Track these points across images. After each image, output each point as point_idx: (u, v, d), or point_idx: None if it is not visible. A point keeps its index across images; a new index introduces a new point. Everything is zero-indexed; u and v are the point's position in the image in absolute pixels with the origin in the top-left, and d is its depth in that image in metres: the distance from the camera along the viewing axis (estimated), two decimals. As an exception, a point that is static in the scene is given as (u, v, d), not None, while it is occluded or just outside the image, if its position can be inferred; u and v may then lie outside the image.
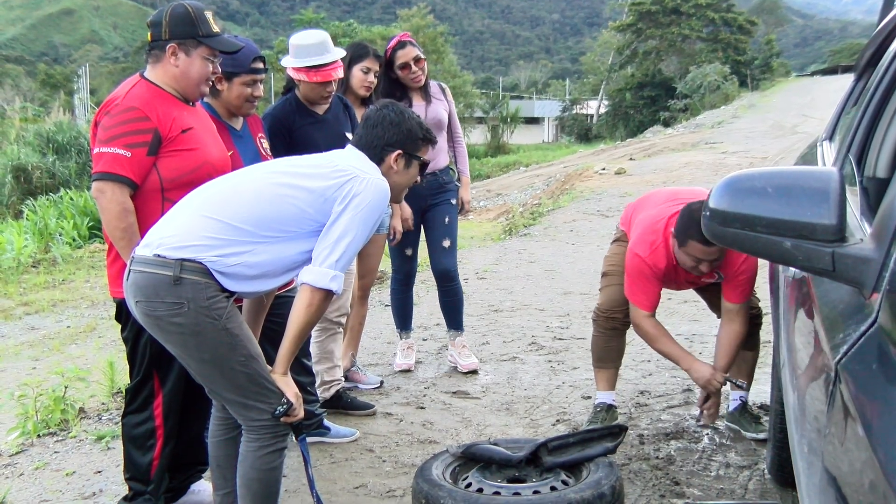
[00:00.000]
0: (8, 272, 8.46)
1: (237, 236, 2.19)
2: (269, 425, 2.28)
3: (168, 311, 2.15)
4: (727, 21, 44.76)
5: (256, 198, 2.23)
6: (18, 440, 3.62)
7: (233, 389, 2.25)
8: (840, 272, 1.24)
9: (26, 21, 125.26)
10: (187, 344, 2.20)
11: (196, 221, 2.21)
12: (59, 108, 22.75)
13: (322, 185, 2.24)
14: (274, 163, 2.48)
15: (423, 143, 2.47)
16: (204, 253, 2.16)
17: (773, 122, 21.73)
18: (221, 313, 2.18)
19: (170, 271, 2.14)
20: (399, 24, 44.15)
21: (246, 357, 2.23)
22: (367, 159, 2.38)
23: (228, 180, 2.36)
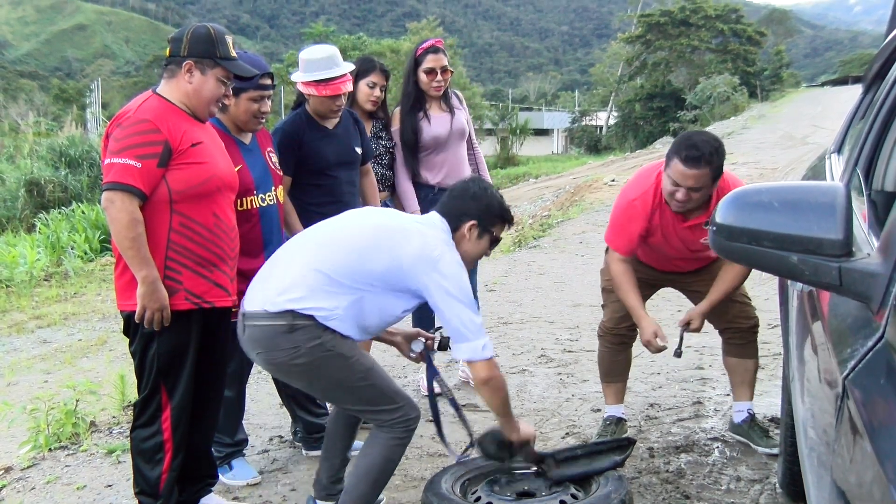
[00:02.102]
0: (21, 286, 8.53)
1: (334, 288, 2.43)
2: (399, 423, 2.54)
3: (287, 357, 2.43)
4: (736, 32, 44.74)
5: (352, 253, 2.48)
6: (30, 454, 3.63)
7: (361, 402, 2.55)
8: (847, 287, 1.24)
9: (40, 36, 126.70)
10: (311, 378, 2.51)
11: (298, 273, 2.46)
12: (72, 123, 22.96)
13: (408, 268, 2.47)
14: (372, 219, 2.67)
15: (500, 220, 2.69)
16: (309, 302, 2.41)
17: (783, 133, 21.66)
18: (333, 343, 2.44)
19: (283, 321, 2.41)
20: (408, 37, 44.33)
21: (364, 372, 2.50)
22: (445, 230, 2.61)
23: (325, 233, 2.61)
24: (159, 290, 2.53)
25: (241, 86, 2.93)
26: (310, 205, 3.45)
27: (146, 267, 2.50)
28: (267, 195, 3.11)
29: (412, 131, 3.96)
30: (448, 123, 4.03)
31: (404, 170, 4.00)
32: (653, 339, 3.14)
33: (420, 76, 3.98)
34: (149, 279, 2.50)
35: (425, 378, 4.20)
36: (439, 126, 4.00)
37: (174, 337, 2.61)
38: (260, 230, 3.09)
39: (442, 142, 4.01)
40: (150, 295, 2.51)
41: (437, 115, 4.04)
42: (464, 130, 4.11)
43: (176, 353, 2.64)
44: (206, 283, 2.66)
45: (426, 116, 4.00)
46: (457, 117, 4.08)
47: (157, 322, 2.54)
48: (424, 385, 4.23)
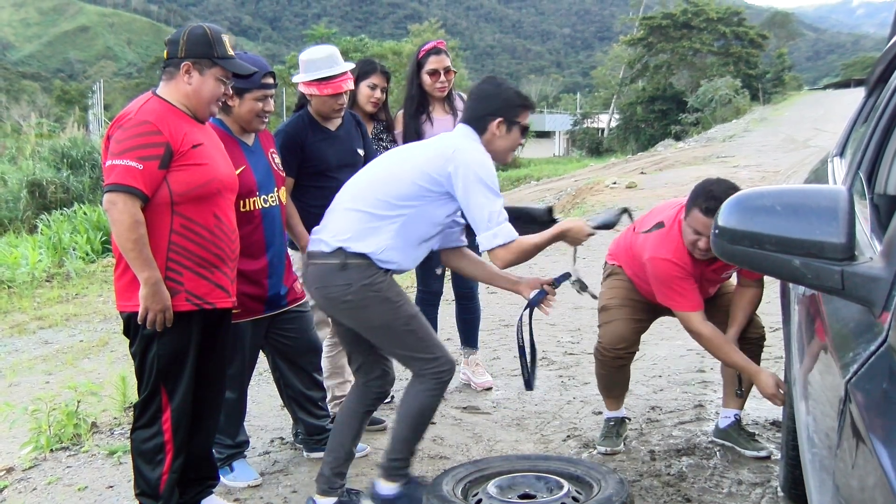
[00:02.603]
0: (22, 286, 8.54)
1: (376, 222, 2.65)
2: (433, 373, 2.71)
3: (340, 293, 2.65)
4: (738, 35, 44.71)
5: (383, 184, 2.70)
6: (32, 455, 3.64)
7: (402, 347, 2.74)
8: (849, 291, 1.24)
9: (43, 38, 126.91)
10: (358, 316, 2.71)
11: (345, 216, 2.71)
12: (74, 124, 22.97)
13: (429, 165, 2.66)
14: (394, 153, 2.92)
15: (522, 108, 2.80)
16: (357, 243, 2.64)
17: (785, 136, 21.66)
18: (382, 286, 2.65)
19: (336, 259, 2.65)
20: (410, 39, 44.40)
21: (408, 318, 2.70)
22: (470, 134, 2.75)
23: (362, 174, 2.85)
24: (162, 292, 2.53)
25: (244, 86, 2.95)
26: (311, 207, 3.45)
27: (148, 268, 2.50)
28: (269, 196, 3.11)
29: (415, 134, 3.96)
30: (451, 126, 4.02)
31: None
32: (777, 392, 3.01)
33: (423, 78, 3.99)
34: (151, 280, 2.51)
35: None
36: (441, 128, 4.00)
37: (174, 338, 2.61)
38: (262, 231, 3.09)
39: None
40: (152, 296, 2.51)
41: (440, 117, 4.04)
42: None
43: (176, 354, 2.64)
44: (208, 284, 2.67)
45: (429, 119, 4.00)
46: (459, 119, 4.07)
47: (159, 323, 2.55)
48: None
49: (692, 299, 3.11)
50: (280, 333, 3.24)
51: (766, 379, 3.05)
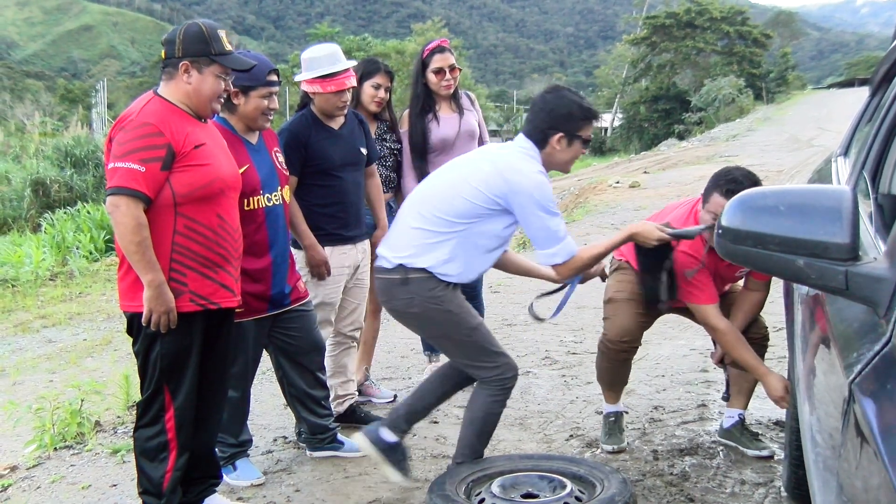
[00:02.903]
0: (26, 285, 8.55)
1: (434, 238, 2.73)
2: (495, 380, 2.80)
3: (403, 305, 2.79)
4: (742, 34, 44.64)
5: (441, 201, 2.76)
6: (35, 453, 3.65)
7: (463, 356, 2.83)
8: (853, 291, 1.24)
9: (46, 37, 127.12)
10: (423, 326, 2.90)
11: (405, 233, 2.81)
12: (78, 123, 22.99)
13: (486, 186, 2.70)
14: (453, 167, 2.91)
15: (584, 122, 2.80)
16: (416, 259, 2.74)
17: (788, 136, 21.62)
18: (443, 299, 2.75)
19: (398, 275, 2.76)
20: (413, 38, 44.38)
21: (469, 330, 2.78)
22: (529, 150, 2.77)
23: (423, 188, 2.92)
24: (165, 294, 2.53)
25: (249, 83, 2.97)
26: (315, 206, 3.46)
27: (152, 271, 2.50)
28: (273, 195, 3.11)
29: (421, 134, 3.96)
30: (457, 124, 4.03)
31: (412, 171, 4.00)
32: (785, 395, 2.99)
33: (429, 77, 3.99)
34: (155, 283, 2.50)
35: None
36: (448, 127, 4.01)
37: (177, 338, 2.61)
38: (266, 230, 3.09)
39: (450, 143, 4.00)
40: (156, 298, 2.51)
41: (446, 115, 4.04)
42: (473, 131, 4.10)
43: (179, 354, 2.64)
44: (212, 284, 2.67)
45: (435, 118, 4.00)
46: (465, 118, 4.07)
47: (163, 325, 2.55)
48: None
49: (709, 293, 3.13)
50: (283, 332, 3.24)
51: (774, 382, 3.05)
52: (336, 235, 3.52)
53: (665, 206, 3.51)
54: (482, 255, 2.81)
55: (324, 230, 3.46)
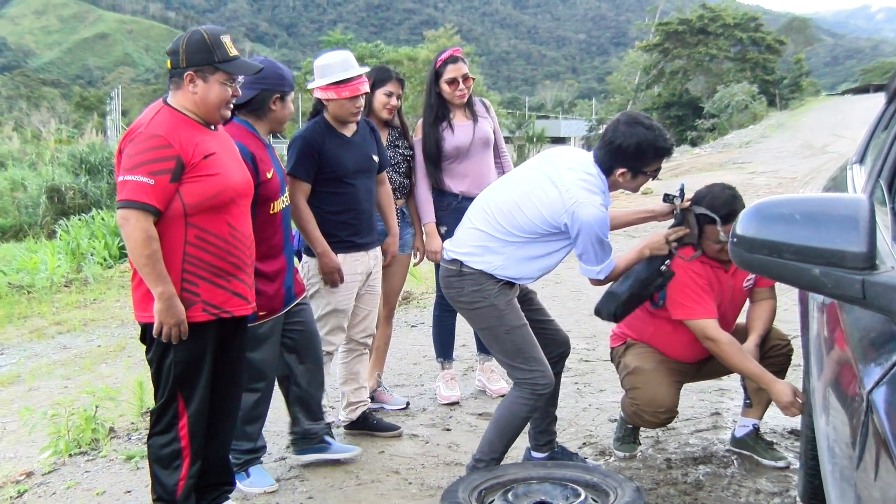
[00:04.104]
0: (41, 291, 8.61)
1: (493, 243, 2.88)
2: (527, 384, 2.90)
3: (456, 294, 2.98)
4: (755, 41, 44.43)
5: (505, 213, 2.88)
6: (51, 459, 3.67)
7: (501, 352, 2.96)
8: (870, 300, 1.23)
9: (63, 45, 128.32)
10: (471, 317, 3.03)
11: (468, 233, 2.97)
12: (92, 130, 23.21)
13: (549, 211, 2.81)
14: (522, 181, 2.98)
15: (653, 160, 2.86)
16: (473, 258, 2.90)
17: (802, 142, 21.50)
18: (491, 293, 2.89)
19: (454, 266, 2.95)
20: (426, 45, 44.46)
21: (511, 328, 2.90)
22: (595, 177, 2.84)
23: (493, 193, 3.03)
24: (176, 306, 2.53)
25: (288, 90, 3.17)
26: (327, 213, 3.47)
27: (162, 283, 2.50)
28: (285, 197, 3.20)
29: (435, 143, 3.97)
30: (471, 132, 4.02)
31: (425, 180, 4.01)
32: (794, 401, 2.97)
33: (442, 87, 3.99)
34: (165, 295, 2.50)
35: (442, 386, 4.21)
36: (462, 135, 4.01)
37: (190, 347, 2.61)
38: (282, 232, 3.17)
39: (464, 151, 4.01)
40: (166, 311, 2.52)
41: (460, 123, 4.03)
42: (488, 139, 4.09)
43: (192, 362, 2.64)
44: (225, 293, 2.67)
45: (450, 126, 4.00)
46: (479, 125, 4.06)
47: (174, 337, 2.55)
48: (441, 394, 4.25)
49: (704, 306, 3.11)
50: (289, 328, 3.27)
51: (781, 389, 3.03)
52: (349, 242, 3.53)
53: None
54: (537, 258, 2.92)
55: (336, 237, 3.48)
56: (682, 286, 3.10)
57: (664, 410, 3.18)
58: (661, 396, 3.16)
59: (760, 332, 3.24)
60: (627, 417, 3.34)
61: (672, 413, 3.22)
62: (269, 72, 3.05)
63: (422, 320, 6.19)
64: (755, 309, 3.32)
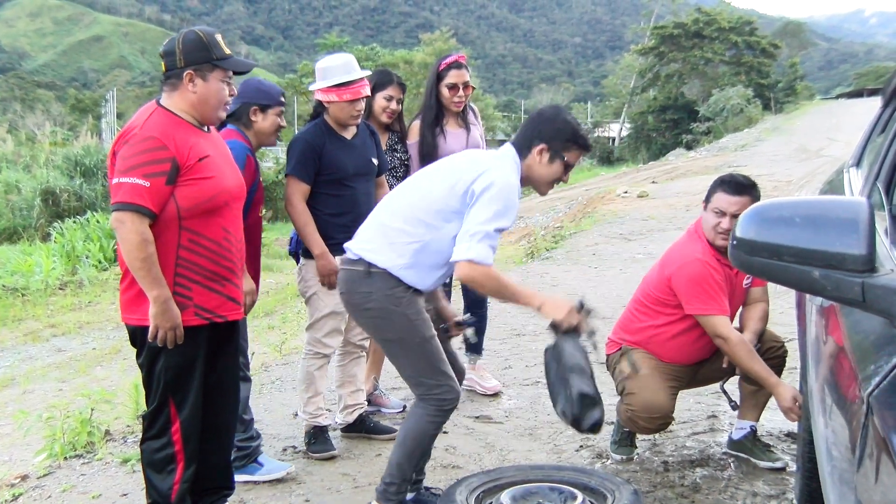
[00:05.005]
0: (36, 294, 8.60)
1: (399, 238, 2.65)
2: (434, 399, 2.69)
3: (362, 299, 2.68)
4: (750, 44, 44.59)
5: (414, 199, 2.70)
6: (46, 462, 3.65)
7: (411, 366, 2.72)
8: (870, 303, 1.23)
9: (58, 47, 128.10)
10: (377, 326, 2.73)
11: (372, 229, 2.75)
12: (87, 132, 23.12)
13: (460, 183, 2.61)
14: (428, 170, 2.85)
15: (572, 144, 2.71)
16: (377, 255, 2.66)
17: (797, 146, 21.56)
18: (402, 301, 2.65)
19: (361, 266, 2.68)
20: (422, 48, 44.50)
21: (420, 339, 2.67)
22: (511, 156, 2.70)
23: (398, 189, 2.87)
24: (172, 310, 2.51)
25: (267, 102, 3.20)
26: (326, 215, 3.47)
27: (157, 287, 2.47)
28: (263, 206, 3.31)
29: (432, 145, 3.97)
30: (464, 140, 4.03)
31: None
32: (794, 406, 2.94)
33: (442, 91, 3.99)
34: (160, 298, 2.48)
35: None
36: (455, 142, 4.01)
37: (182, 352, 2.59)
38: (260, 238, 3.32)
39: None
40: (162, 314, 2.49)
41: (453, 130, 4.04)
42: (479, 146, 4.11)
43: (183, 367, 2.61)
44: (218, 297, 2.65)
45: (443, 132, 4.01)
46: (472, 134, 4.09)
47: (170, 341, 2.53)
48: None
49: (721, 304, 3.11)
50: None
51: (783, 392, 3.03)
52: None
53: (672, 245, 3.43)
54: (439, 268, 2.71)
55: (335, 239, 3.46)
56: (700, 281, 3.10)
57: (659, 416, 3.17)
58: (656, 402, 3.15)
59: (755, 331, 3.26)
60: (623, 423, 3.34)
61: (667, 419, 3.21)
62: (246, 85, 3.28)
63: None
64: (749, 310, 3.35)
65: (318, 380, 3.56)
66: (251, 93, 3.24)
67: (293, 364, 5.05)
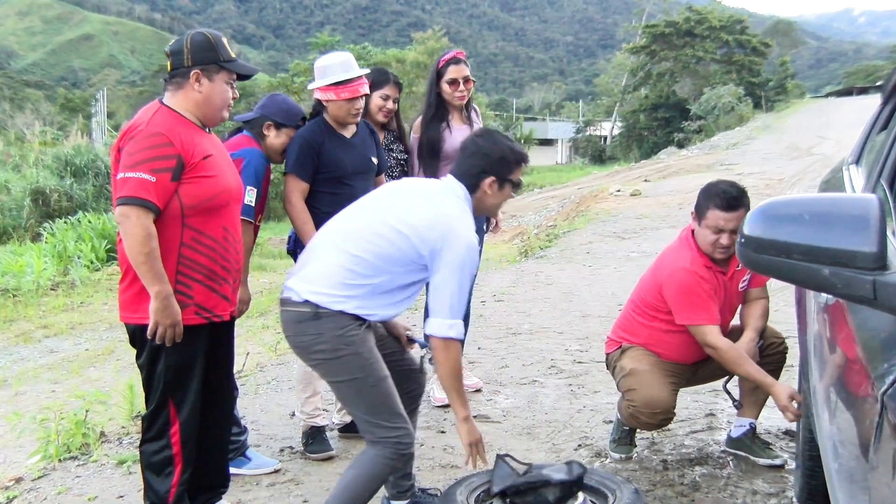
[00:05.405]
0: (27, 295, 8.53)
1: (351, 279, 2.51)
2: (391, 443, 2.53)
3: (310, 342, 2.51)
4: (741, 43, 44.75)
5: (365, 241, 2.54)
6: (40, 464, 3.62)
7: (363, 407, 2.55)
8: (882, 301, 1.22)
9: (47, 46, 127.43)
10: (328, 369, 2.56)
11: (321, 268, 2.55)
12: (77, 132, 22.99)
13: (418, 238, 2.51)
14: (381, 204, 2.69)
15: (516, 165, 2.71)
16: (327, 299, 2.49)
17: (788, 144, 21.64)
18: (355, 339, 2.50)
19: (309, 308, 2.50)
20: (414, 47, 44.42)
21: (376, 380, 2.52)
22: (462, 196, 2.64)
23: (346, 221, 2.67)
24: (172, 306, 2.50)
25: (284, 122, 3.34)
26: (325, 213, 3.43)
27: (159, 282, 2.47)
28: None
29: (435, 141, 3.99)
30: (466, 136, 4.04)
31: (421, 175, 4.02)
32: (790, 404, 2.93)
33: (443, 87, 4.02)
34: (162, 294, 2.47)
35: (437, 388, 4.19)
36: (460, 137, 4.01)
37: (182, 351, 2.58)
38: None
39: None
40: (163, 310, 2.48)
41: (458, 126, 4.07)
42: None
43: (183, 367, 2.61)
44: (216, 296, 2.65)
45: (448, 127, 4.03)
46: (474, 131, 4.10)
47: (169, 338, 2.52)
48: (435, 396, 4.23)
49: (709, 313, 3.11)
50: None
51: (780, 391, 3.03)
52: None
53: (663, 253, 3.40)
54: (392, 307, 2.60)
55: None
56: (688, 291, 3.10)
57: (661, 411, 3.17)
58: (657, 397, 3.16)
59: (757, 328, 3.25)
60: (624, 420, 3.33)
61: (669, 414, 3.21)
62: (272, 99, 3.45)
63: (413, 322, 6.16)
64: (749, 308, 3.34)
65: (315, 380, 3.53)
66: (272, 108, 3.37)
67: (288, 364, 5.02)
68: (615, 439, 3.46)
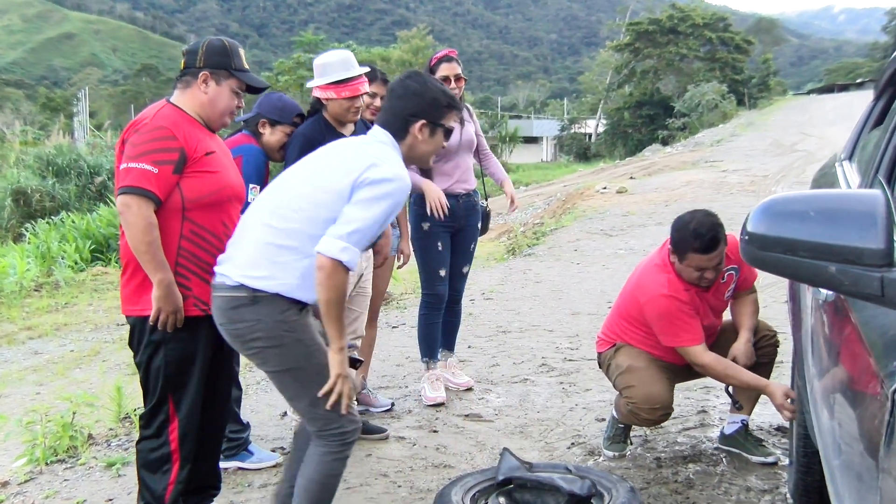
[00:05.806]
0: (10, 296, 8.41)
1: (284, 256, 2.32)
2: (337, 434, 2.39)
3: (247, 330, 2.34)
4: (724, 40, 45.05)
5: (294, 210, 2.35)
6: (26, 468, 3.56)
7: (304, 397, 2.38)
8: (890, 298, 1.21)
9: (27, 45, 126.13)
10: (267, 357, 2.37)
11: (251, 247, 2.37)
12: (59, 132, 22.78)
13: (343, 184, 2.31)
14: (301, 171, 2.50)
15: (448, 110, 2.51)
16: (263, 281, 2.32)
17: (772, 140, 21.79)
18: (296, 325, 2.34)
19: (245, 293, 2.33)
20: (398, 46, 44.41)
21: (317, 367, 2.35)
22: (389, 143, 2.44)
23: (270, 196, 2.48)
24: (174, 293, 2.53)
25: (279, 119, 3.38)
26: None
27: (161, 270, 2.51)
28: None
29: None
30: (458, 134, 4.07)
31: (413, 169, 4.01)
32: (785, 403, 2.93)
33: None
34: (164, 282, 2.51)
35: (428, 387, 4.18)
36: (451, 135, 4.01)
37: (182, 344, 2.59)
38: None
39: (452, 151, 4.07)
40: (165, 297, 2.52)
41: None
42: (472, 141, 4.21)
43: (183, 361, 2.61)
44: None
45: None
46: (466, 129, 4.15)
47: (170, 324, 2.54)
48: (426, 395, 4.21)
49: (694, 333, 3.11)
50: None
51: (774, 390, 3.04)
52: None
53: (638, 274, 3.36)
54: None
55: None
56: (670, 317, 3.11)
57: (660, 407, 3.18)
58: (657, 393, 3.16)
59: (750, 326, 3.27)
60: (622, 418, 3.33)
61: (668, 409, 3.21)
62: (268, 97, 3.48)
63: (403, 321, 6.15)
64: (740, 306, 3.35)
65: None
66: (266, 106, 3.42)
67: (278, 364, 4.98)
68: (609, 437, 3.45)
